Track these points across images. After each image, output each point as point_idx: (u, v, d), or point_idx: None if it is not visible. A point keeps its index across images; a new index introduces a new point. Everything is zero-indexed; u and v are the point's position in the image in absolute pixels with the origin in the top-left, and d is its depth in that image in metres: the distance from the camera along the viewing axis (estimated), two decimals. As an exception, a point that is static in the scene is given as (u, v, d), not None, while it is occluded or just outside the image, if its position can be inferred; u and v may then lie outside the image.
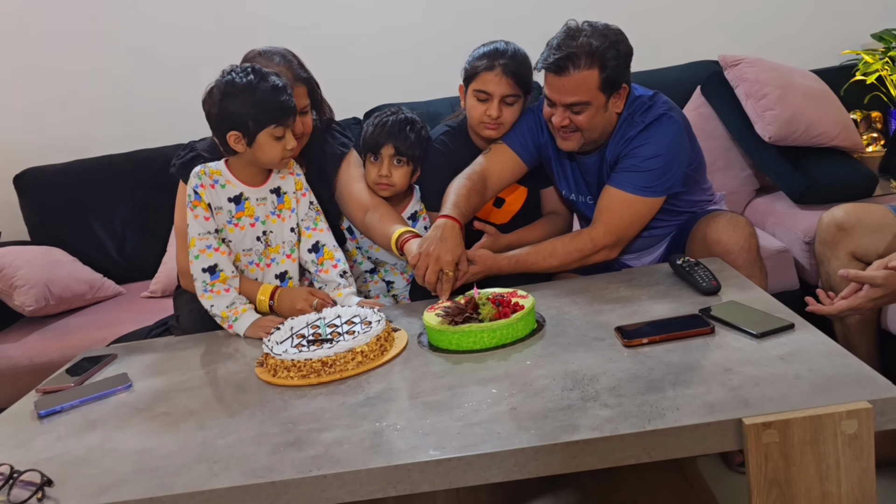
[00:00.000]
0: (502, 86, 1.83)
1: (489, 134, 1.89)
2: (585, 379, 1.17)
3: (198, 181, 1.65)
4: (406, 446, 1.05)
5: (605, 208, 1.76)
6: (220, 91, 1.60)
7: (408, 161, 1.87)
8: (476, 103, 1.87)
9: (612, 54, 1.66)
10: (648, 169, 1.72)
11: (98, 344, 2.12)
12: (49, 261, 2.56)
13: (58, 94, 3.01)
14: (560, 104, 1.71)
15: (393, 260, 1.97)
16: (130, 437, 1.24)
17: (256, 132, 1.60)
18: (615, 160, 1.78)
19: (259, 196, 1.70)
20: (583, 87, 1.67)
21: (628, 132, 1.76)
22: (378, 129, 1.87)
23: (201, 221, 1.65)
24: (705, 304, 1.41)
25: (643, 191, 1.73)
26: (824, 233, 1.80)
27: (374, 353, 1.38)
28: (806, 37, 2.95)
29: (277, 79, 1.62)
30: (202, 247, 1.65)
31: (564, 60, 1.65)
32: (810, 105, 2.37)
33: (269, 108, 1.58)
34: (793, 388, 1.05)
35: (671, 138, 1.74)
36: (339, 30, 2.98)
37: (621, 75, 1.70)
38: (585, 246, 1.75)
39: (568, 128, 1.73)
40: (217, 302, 1.65)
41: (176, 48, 2.99)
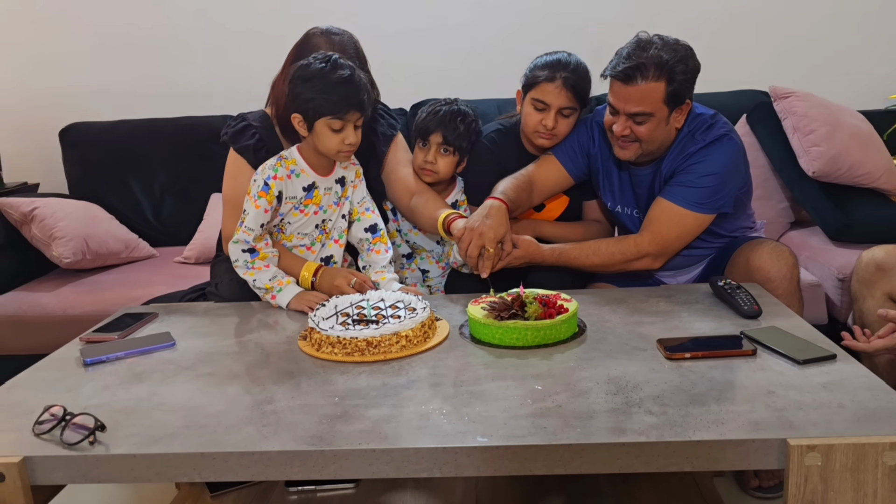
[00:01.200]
0: (561, 98, 1.86)
1: (542, 143, 1.93)
2: (629, 386, 1.20)
3: (272, 172, 1.67)
4: (453, 430, 1.08)
5: (655, 219, 1.78)
6: (295, 72, 1.64)
7: (454, 151, 1.92)
8: (533, 111, 1.90)
9: (681, 69, 1.68)
10: (703, 186, 1.74)
11: (132, 302, 2.16)
12: (88, 216, 2.60)
13: (110, 53, 3.05)
14: (623, 113, 1.73)
15: (430, 246, 2.01)
16: (178, 392, 1.27)
17: (315, 119, 1.63)
18: (671, 174, 1.80)
19: (327, 186, 1.73)
20: (648, 99, 1.69)
21: (688, 148, 1.78)
22: (430, 117, 1.92)
23: (260, 213, 1.66)
24: (746, 326, 1.43)
25: (695, 206, 1.75)
26: (863, 271, 1.81)
27: (417, 339, 1.40)
28: (854, 77, 2.96)
29: (352, 72, 1.62)
30: (243, 239, 1.66)
31: (633, 70, 1.67)
32: (856, 145, 2.38)
33: (330, 98, 1.60)
34: (836, 415, 1.07)
35: (729, 158, 1.76)
36: (392, 20, 3.01)
37: (686, 91, 1.72)
38: (629, 250, 1.78)
39: (628, 137, 1.75)
40: (259, 276, 1.69)
41: (228, 23, 3.03)
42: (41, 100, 3.08)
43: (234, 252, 1.69)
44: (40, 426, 1.14)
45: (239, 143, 1.83)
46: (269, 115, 1.87)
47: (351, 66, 1.64)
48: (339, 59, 1.64)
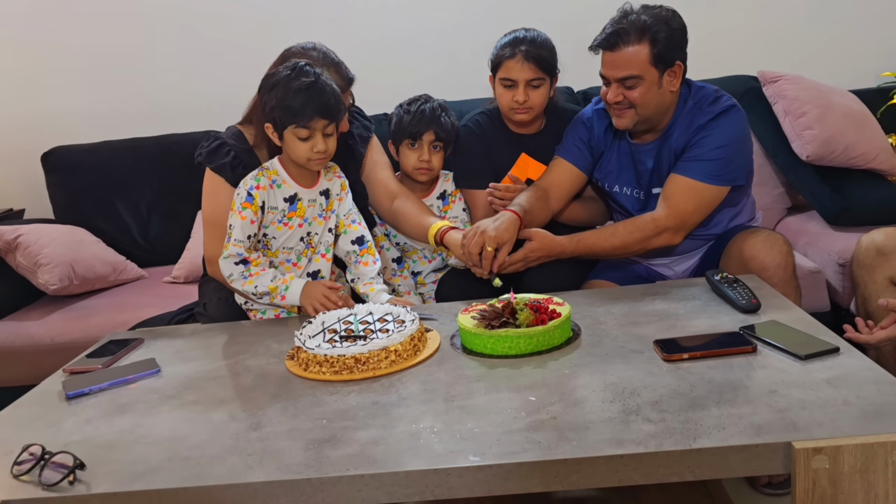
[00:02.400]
0: (525, 71, 1.88)
1: (520, 118, 1.95)
2: (626, 392, 1.15)
3: (254, 183, 1.65)
4: (444, 450, 1.04)
5: (671, 195, 1.77)
6: (262, 81, 1.63)
7: (444, 146, 1.95)
8: (504, 91, 1.93)
9: (663, 28, 1.70)
10: (717, 158, 1.74)
11: (120, 326, 2.11)
12: (74, 240, 2.56)
13: (89, 74, 3.00)
14: (613, 80, 1.74)
15: (421, 245, 1.98)
16: (161, 423, 1.23)
17: (283, 128, 1.61)
18: (682, 148, 1.78)
19: (311, 198, 1.70)
20: (634, 62, 1.70)
21: (696, 121, 1.77)
22: (417, 117, 1.92)
23: (246, 225, 1.63)
24: (745, 321, 1.39)
25: (710, 179, 1.74)
26: (863, 256, 1.77)
27: (407, 353, 1.36)
28: (845, 56, 2.91)
29: (315, 79, 1.59)
30: (234, 252, 1.64)
31: (615, 36, 1.70)
32: (849, 126, 2.33)
33: (292, 105, 1.57)
34: (842, 413, 1.03)
35: (738, 129, 1.77)
36: (372, 25, 2.96)
37: (674, 51, 1.72)
38: (648, 227, 1.76)
39: (622, 104, 1.75)
40: (259, 282, 1.65)
41: (208, 36, 2.98)
42: (22, 124, 3.03)
43: (226, 268, 1.65)
44: (19, 467, 1.11)
45: (215, 162, 1.79)
46: (243, 132, 1.84)
47: (316, 73, 1.61)
48: (306, 67, 1.60)
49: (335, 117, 1.62)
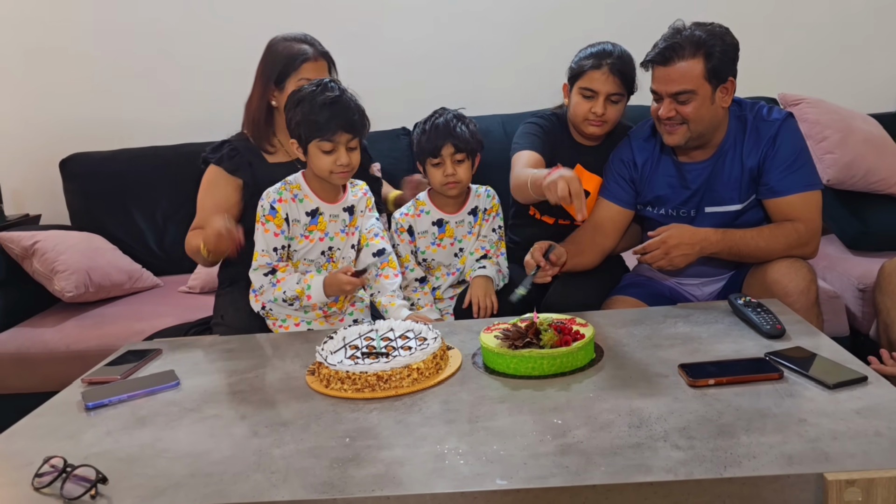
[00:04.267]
0: (609, 84, 1.88)
1: (593, 131, 1.94)
2: (652, 417, 1.14)
3: (277, 196, 1.68)
4: (471, 473, 1.03)
5: (795, 213, 1.75)
6: (288, 98, 1.68)
7: (467, 155, 1.91)
8: (581, 100, 1.91)
9: (718, 44, 1.69)
10: (805, 162, 1.77)
11: (136, 335, 2.12)
12: (90, 248, 2.56)
13: (108, 82, 3.02)
14: (666, 95, 1.73)
15: (448, 261, 1.97)
16: (182, 437, 1.22)
17: (307, 142, 1.64)
18: (759, 163, 1.77)
19: (333, 213, 1.72)
20: (688, 76, 1.69)
21: (765, 132, 1.77)
22: (432, 132, 1.90)
23: (270, 237, 1.68)
24: (769, 347, 1.37)
25: (816, 184, 1.77)
26: (886, 282, 1.76)
27: (429, 371, 1.36)
28: (865, 80, 2.91)
29: (341, 94, 1.63)
30: (263, 262, 1.69)
31: (669, 50, 1.70)
32: (870, 151, 2.33)
33: (316, 120, 1.61)
34: (873, 444, 1.01)
35: (800, 131, 1.80)
36: (393, 40, 2.98)
37: (727, 67, 1.72)
38: (791, 236, 1.74)
39: (674, 119, 1.74)
40: (286, 286, 1.68)
41: (225, 47, 2.99)
42: (41, 131, 3.05)
43: (256, 280, 1.71)
44: (40, 479, 1.10)
45: (214, 156, 1.95)
46: (247, 136, 1.96)
47: (341, 89, 1.65)
48: (331, 83, 1.65)
49: (359, 132, 1.64)
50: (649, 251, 1.73)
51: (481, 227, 1.99)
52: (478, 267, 1.91)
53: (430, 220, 1.96)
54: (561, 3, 2.94)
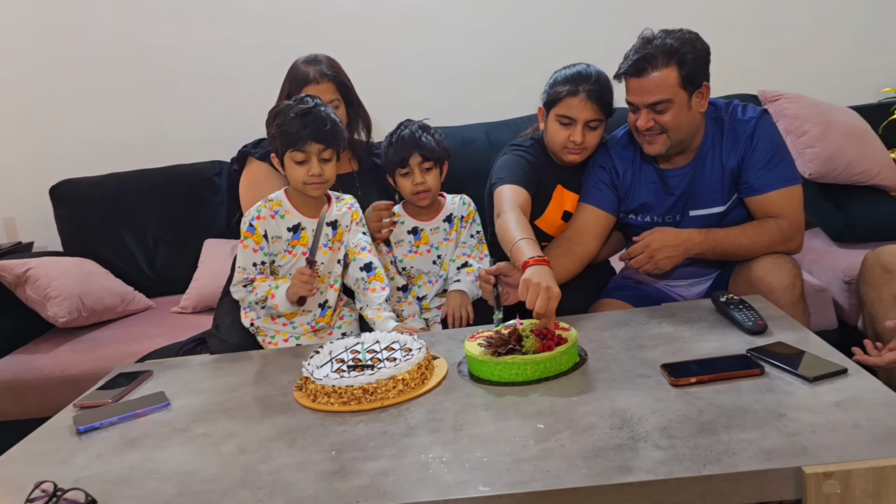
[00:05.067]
0: (587, 111, 1.83)
1: (572, 159, 1.90)
2: (634, 418, 1.15)
3: (255, 213, 1.71)
4: (454, 480, 1.04)
5: (777, 209, 1.76)
6: (269, 114, 1.70)
7: (434, 164, 1.94)
8: (559, 128, 1.86)
9: (689, 50, 1.69)
10: (783, 157, 1.77)
11: (130, 358, 2.13)
12: (82, 272, 2.57)
13: (95, 107, 3.04)
14: (643, 105, 1.73)
15: (427, 268, 1.99)
16: (171, 457, 1.23)
17: (282, 154, 1.68)
18: (739, 163, 1.78)
19: (314, 227, 1.72)
20: (663, 86, 1.69)
21: (741, 132, 1.78)
22: (399, 144, 1.93)
23: (249, 254, 1.72)
24: (751, 343, 1.39)
25: (795, 179, 1.78)
26: (868, 274, 1.77)
27: (415, 382, 1.37)
28: (845, 73, 2.92)
29: (314, 106, 1.67)
30: (240, 279, 1.73)
31: (643, 62, 1.69)
32: (851, 143, 2.35)
33: (288, 132, 1.65)
34: (852, 437, 1.02)
35: (776, 127, 1.81)
36: (376, 54, 2.99)
37: (700, 72, 1.73)
38: (774, 232, 1.74)
39: (653, 129, 1.74)
40: (258, 291, 1.73)
41: (211, 68, 3.02)
42: (30, 158, 3.07)
43: (236, 294, 1.76)
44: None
45: (258, 151, 2.00)
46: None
47: (316, 103, 1.68)
48: (307, 97, 1.67)
49: (330, 143, 1.67)
50: (634, 256, 1.74)
51: (459, 235, 2.01)
52: (454, 280, 1.93)
53: (404, 229, 1.99)
54: (540, 12, 2.97)
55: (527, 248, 1.58)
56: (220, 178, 2.88)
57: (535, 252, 1.57)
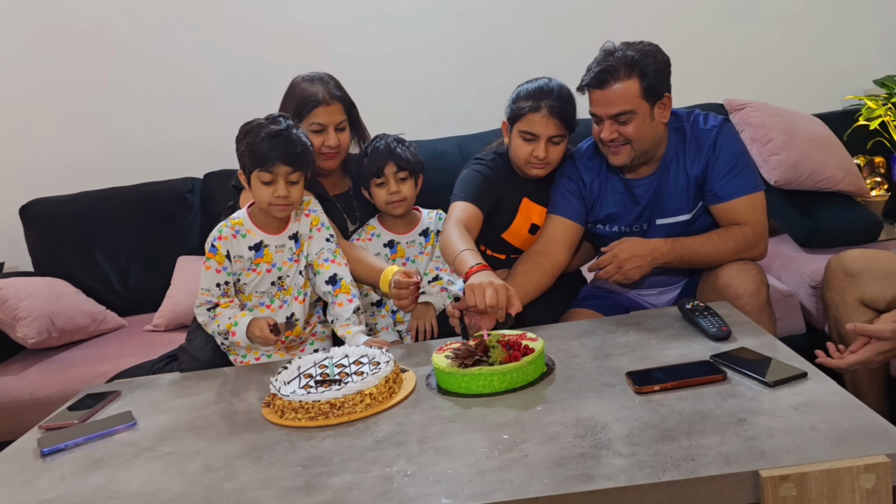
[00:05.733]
0: (549, 127, 1.84)
1: (536, 174, 1.91)
2: (598, 426, 1.16)
3: (217, 234, 1.71)
4: (417, 494, 1.04)
5: (741, 216, 1.78)
6: (240, 130, 1.69)
7: (410, 174, 1.95)
8: (522, 143, 1.87)
9: (651, 62, 1.72)
10: (746, 165, 1.80)
11: (100, 378, 2.11)
12: (53, 293, 2.55)
13: (65, 127, 3.02)
14: (606, 117, 1.75)
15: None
16: (135, 477, 1.22)
17: (249, 173, 1.68)
18: (703, 171, 1.80)
19: (278, 244, 1.73)
20: (626, 97, 1.71)
21: (704, 141, 1.80)
22: (374, 155, 1.95)
23: (212, 274, 1.71)
24: (716, 349, 1.40)
25: (757, 186, 1.80)
26: (832, 278, 1.80)
27: (382, 396, 1.37)
28: (809, 81, 2.99)
29: (286, 128, 1.66)
30: (203, 300, 1.73)
31: (605, 73, 1.71)
32: (815, 150, 2.39)
33: (257, 151, 1.64)
34: (808, 439, 1.04)
35: (738, 135, 1.86)
36: (346, 71, 2.97)
37: (662, 84, 1.75)
38: (739, 239, 1.77)
39: (617, 141, 1.76)
40: (221, 321, 1.71)
41: (182, 84, 3.01)
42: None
43: (200, 316, 1.75)
44: (-10, 530, 1.09)
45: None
46: None
47: (289, 124, 1.67)
48: (280, 117, 1.67)
49: (299, 166, 1.67)
50: (603, 266, 1.76)
51: (434, 248, 2.01)
52: (420, 293, 1.93)
53: (381, 242, 2.00)
54: (508, 25, 3.00)
55: (469, 257, 1.63)
56: (192, 195, 2.87)
57: (477, 260, 1.62)
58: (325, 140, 1.91)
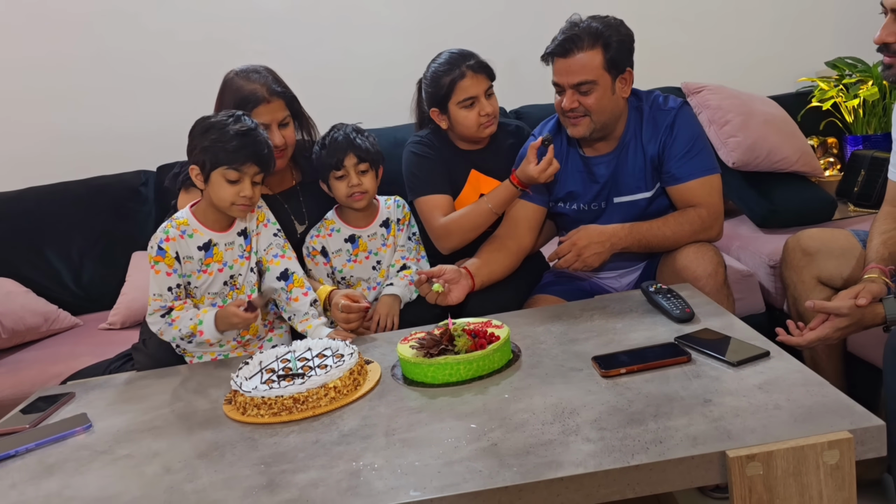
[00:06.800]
0: (481, 82, 1.91)
1: (490, 131, 1.96)
2: (566, 412, 1.15)
3: (163, 235, 1.64)
4: (385, 487, 1.02)
5: (696, 198, 1.79)
6: (195, 125, 1.62)
7: (370, 165, 1.90)
8: (466, 112, 1.92)
9: (614, 34, 1.75)
10: (702, 148, 1.82)
11: (54, 379, 2.04)
12: (1, 293, 2.45)
13: (7, 118, 2.90)
14: (567, 86, 1.76)
15: (367, 275, 1.95)
16: (91, 482, 1.18)
17: (212, 169, 1.61)
18: (659, 151, 1.81)
19: (227, 241, 1.68)
20: (588, 67, 1.73)
21: (662, 121, 1.81)
22: (332, 146, 1.89)
23: (162, 278, 1.64)
24: (680, 331, 1.41)
25: (712, 169, 1.82)
26: (790, 258, 1.82)
27: (347, 388, 1.34)
28: (763, 64, 3.02)
29: (255, 127, 1.62)
30: (157, 307, 1.65)
31: (569, 42, 1.74)
32: (771, 131, 2.42)
33: (227, 147, 1.58)
34: (773, 418, 1.05)
35: (696, 118, 1.88)
36: (302, 57, 2.95)
37: (625, 57, 1.77)
38: (695, 221, 1.78)
39: (577, 111, 1.78)
40: (181, 325, 1.64)
41: (131, 75, 2.92)
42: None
43: (154, 324, 1.66)
44: (-64, 543, 1.04)
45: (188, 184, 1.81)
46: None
47: (255, 123, 1.64)
48: (244, 116, 1.63)
49: (266, 168, 1.64)
50: (562, 255, 1.76)
51: (396, 238, 1.98)
52: (387, 284, 1.91)
53: (341, 237, 1.93)
54: (470, 11, 2.97)
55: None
56: (146, 188, 2.79)
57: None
58: (270, 138, 1.78)
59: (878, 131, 2.74)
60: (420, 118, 2.12)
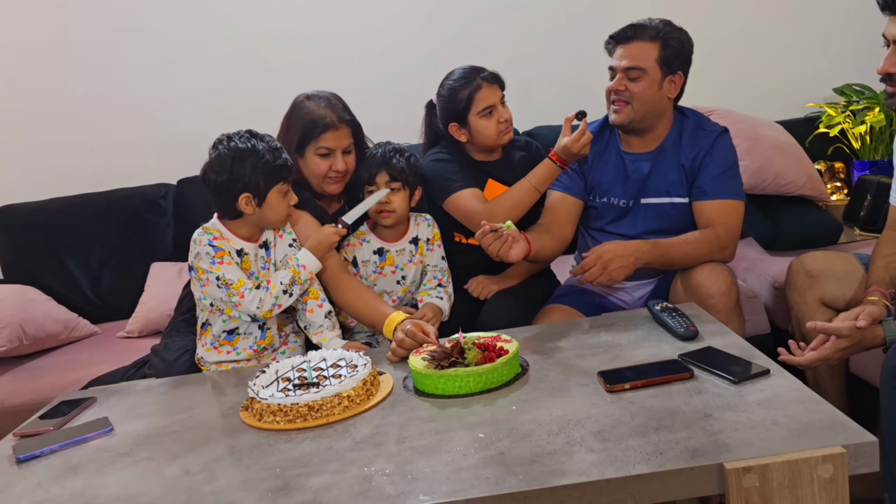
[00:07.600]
0: (495, 92, 1.99)
1: (508, 138, 2.03)
2: (570, 424, 1.20)
3: (209, 236, 1.69)
4: (395, 492, 1.06)
5: (715, 217, 1.86)
6: (229, 158, 1.65)
7: (403, 185, 1.91)
8: (486, 122, 1.98)
9: (675, 37, 1.85)
10: (735, 175, 1.90)
11: (73, 385, 2.09)
12: (23, 300, 2.52)
13: (35, 132, 3.00)
14: (620, 70, 1.86)
15: (391, 288, 1.99)
16: (113, 482, 1.23)
17: (267, 191, 1.67)
18: (693, 164, 1.89)
19: (255, 252, 1.73)
20: (642, 55, 1.83)
21: (702, 138, 1.89)
22: (369, 162, 1.93)
23: (232, 268, 1.68)
24: (684, 349, 1.45)
25: (739, 195, 1.89)
26: (794, 280, 1.86)
27: (360, 398, 1.39)
28: (772, 89, 3.08)
29: (272, 140, 1.71)
30: (242, 291, 1.67)
31: (631, 29, 1.86)
32: (778, 156, 2.46)
33: (276, 166, 1.66)
34: (770, 433, 1.08)
35: (734, 147, 1.94)
36: (324, 73, 3.02)
37: (680, 60, 1.86)
38: (713, 241, 1.83)
39: (622, 95, 1.86)
40: (279, 279, 1.71)
41: (152, 90, 3.01)
42: (-33, 185, 3.00)
43: (251, 301, 1.67)
44: (-33, 536, 1.09)
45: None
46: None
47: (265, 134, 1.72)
48: (253, 131, 1.70)
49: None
50: (587, 269, 1.77)
51: (424, 257, 1.99)
52: (434, 295, 1.94)
53: (370, 248, 1.96)
54: (483, 34, 3.04)
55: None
56: (165, 201, 2.87)
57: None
58: (333, 164, 1.87)
59: (884, 157, 2.78)
60: (431, 137, 2.15)
